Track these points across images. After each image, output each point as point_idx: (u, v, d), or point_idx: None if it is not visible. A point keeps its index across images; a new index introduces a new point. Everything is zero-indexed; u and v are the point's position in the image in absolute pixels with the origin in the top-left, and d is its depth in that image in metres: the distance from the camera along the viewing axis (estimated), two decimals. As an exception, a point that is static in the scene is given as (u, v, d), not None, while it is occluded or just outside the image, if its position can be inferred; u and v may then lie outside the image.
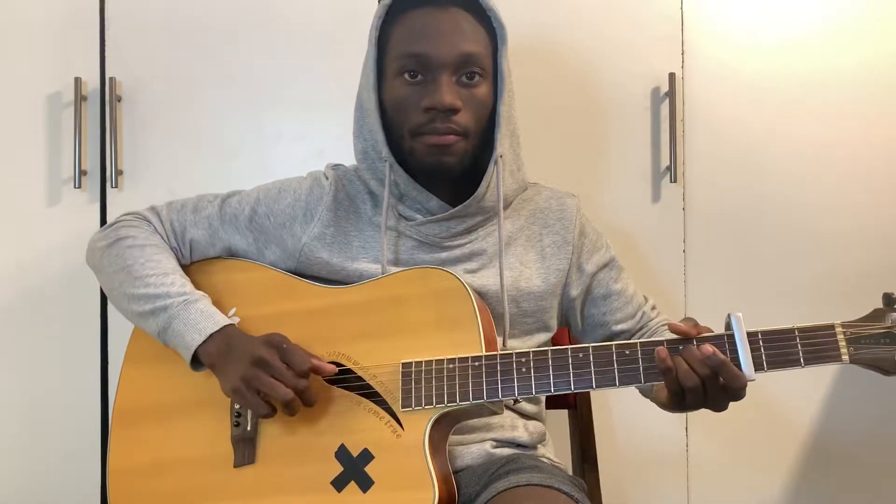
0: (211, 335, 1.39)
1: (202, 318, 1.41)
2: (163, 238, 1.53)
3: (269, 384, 1.32)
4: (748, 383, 1.22)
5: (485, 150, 1.48)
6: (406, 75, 1.42)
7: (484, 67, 1.44)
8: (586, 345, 1.29)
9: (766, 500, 2.02)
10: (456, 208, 1.47)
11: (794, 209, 2.00)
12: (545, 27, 1.99)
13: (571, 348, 1.29)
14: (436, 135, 1.41)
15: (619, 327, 1.56)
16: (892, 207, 2.00)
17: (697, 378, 1.22)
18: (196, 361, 1.42)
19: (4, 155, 1.95)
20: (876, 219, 2.00)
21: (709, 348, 1.22)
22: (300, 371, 1.33)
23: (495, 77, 1.47)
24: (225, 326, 1.41)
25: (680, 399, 1.26)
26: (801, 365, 1.21)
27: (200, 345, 1.39)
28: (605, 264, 1.58)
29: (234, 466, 1.40)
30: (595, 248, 1.58)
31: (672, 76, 1.97)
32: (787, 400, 2.01)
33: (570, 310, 1.58)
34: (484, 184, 1.47)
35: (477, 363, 1.30)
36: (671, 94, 1.97)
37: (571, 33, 2.00)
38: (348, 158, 1.59)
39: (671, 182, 1.98)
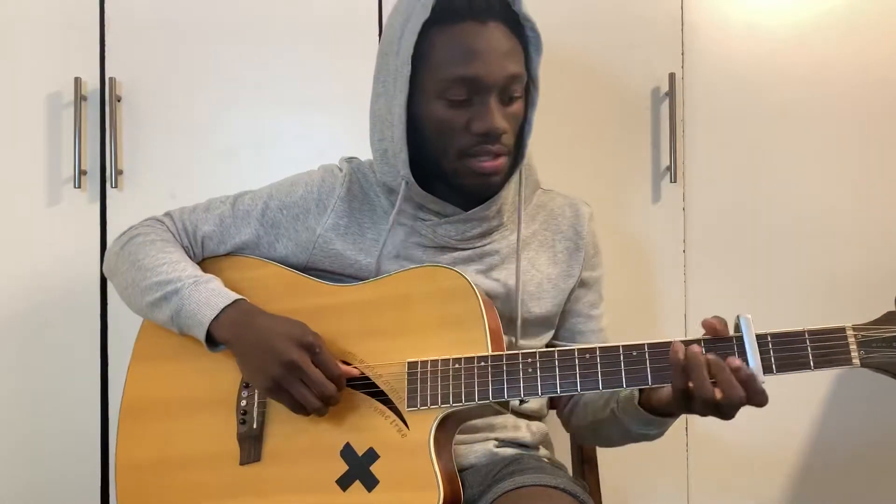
0: (224, 309, 1.39)
1: (213, 295, 1.40)
2: (174, 236, 1.53)
3: (300, 393, 1.32)
4: None
5: None
6: (451, 98, 1.38)
7: (523, 84, 1.42)
8: (593, 345, 1.28)
9: (765, 501, 2.03)
10: (474, 210, 1.46)
11: (794, 209, 2.00)
12: (545, 27, 1.96)
13: (578, 349, 1.28)
14: (486, 156, 1.39)
15: None
16: (894, 206, 2.01)
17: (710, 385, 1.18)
18: (212, 342, 1.41)
19: (4, 155, 1.95)
20: (877, 218, 2.01)
21: (736, 361, 1.18)
22: (332, 376, 1.32)
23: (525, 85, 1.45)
24: (238, 300, 1.40)
25: (685, 399, 1.22)
26: (811, 368, 1.18)
27: (213, 320, 1.38)
28: (592, 283, 1.59)
29: (240, 464, 1.39)
30: (595, 265, 1.59)
31: (672, 76, 1.97)
32: (788, 401, 2.00)
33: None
34: (505, 188, 1.47)
35: (483, 363, 1.30)
36: (671, 94, 1.97)
37: (571, 34, 2.00)
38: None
39: (671, 182, 1.98)
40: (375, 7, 1.97)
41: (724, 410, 1.19)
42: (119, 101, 1.95)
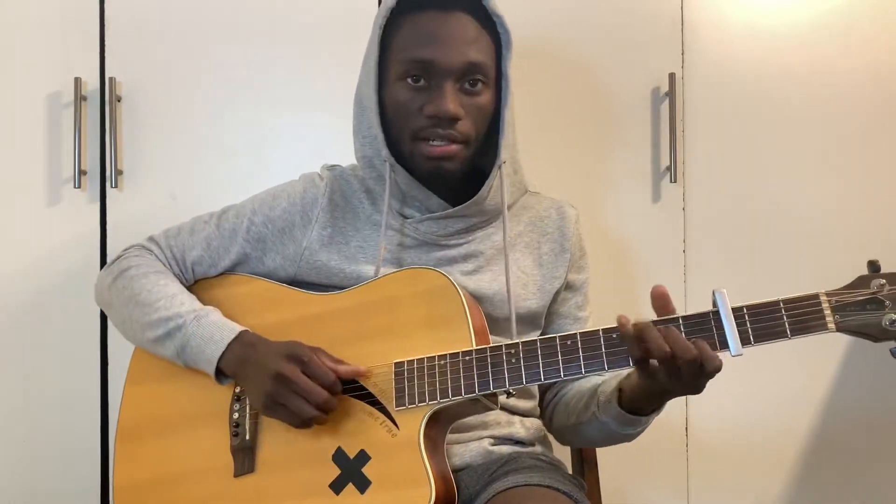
0: (229, 344, 1.39)
1: (217, 329, 1.41)
2: (165, 265, 1.53)
3: (294, 405, 1.32)
4: (738, 357, 1.21)
5: (485, 153, 1.49)
6: (409, 80, 1.41)
7: (487, 75, 1.43)
8: (574, 332, 1.29)
9: (765, 500, 2.02)
10: (456, 208, 1.47)
11: (793, 209, 2.00)
12: (545, 27, 1.99)
13: (560, 336, 1.29)
14: (437, 140, 1.41)
15: None
16: (893, 206, 2.00)
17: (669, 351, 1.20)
18: (221, 374, 1.42)
19: (4, 155, 1.96)
20: (877, 218, 2.00)
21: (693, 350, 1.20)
22: (325, 384, 1.32)
23: (497, 82, 1.47)
24: (241, 333, 1.41)
25: (648, 372, 1.23)
26: (787, 336, 1.20)
27: (221, 356, 1.39)
28: (579, 285, 1.60)
29: (235, 476, 1.40)
30: (581, 267, 1.60)
31: (672, 76, 1.97)
32: (787, 400, 2.00)
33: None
34: (485, 188, 1.47)
35: (467, 357, 1.30)
36: (671, 94, 1.97)
37: (571, 33, 2.00)
38: (348, 158, 1.59)
39: (671, 182, 1.98)
40: (375, 7, 1.97)
41: (686, 376, 1.20)
42: (119, 101, 1.96)
